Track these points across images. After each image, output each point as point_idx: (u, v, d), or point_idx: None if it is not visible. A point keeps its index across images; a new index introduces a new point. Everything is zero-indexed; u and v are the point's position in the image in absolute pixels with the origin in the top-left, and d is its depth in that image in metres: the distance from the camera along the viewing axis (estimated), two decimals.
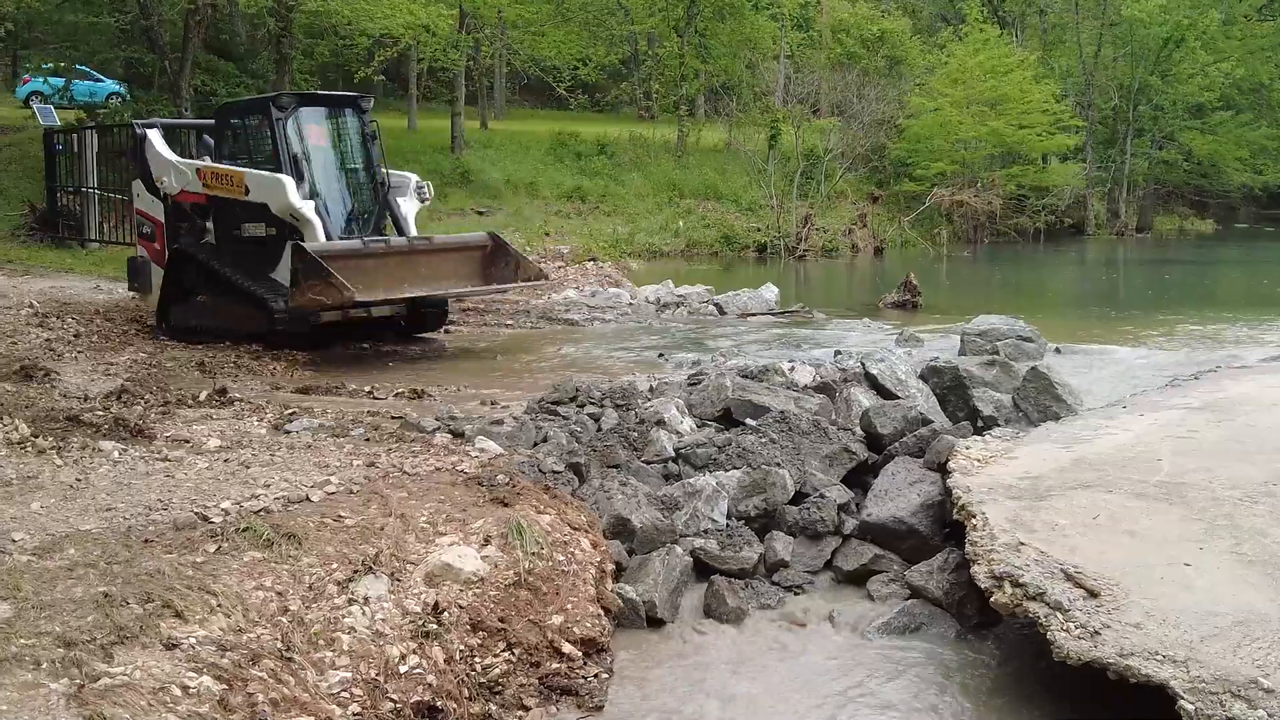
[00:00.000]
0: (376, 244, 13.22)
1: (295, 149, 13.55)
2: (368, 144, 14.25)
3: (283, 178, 12.93)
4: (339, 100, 14.66)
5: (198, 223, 14.33)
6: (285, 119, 13.45)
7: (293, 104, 13.64)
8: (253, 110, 14.34)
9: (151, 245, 15.03)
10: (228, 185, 13.56)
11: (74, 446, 7.62)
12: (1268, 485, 7.21)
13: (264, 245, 13.58)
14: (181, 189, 14.31)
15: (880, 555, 7.93)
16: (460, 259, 14.06)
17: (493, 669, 5.92)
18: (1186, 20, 47.21)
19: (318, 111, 14.23)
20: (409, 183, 14.56)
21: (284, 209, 12.93)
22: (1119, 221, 48.46)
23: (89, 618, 4.83)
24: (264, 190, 13.10)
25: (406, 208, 14.30)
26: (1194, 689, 5.05)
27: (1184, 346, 14.58)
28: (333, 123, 14.35)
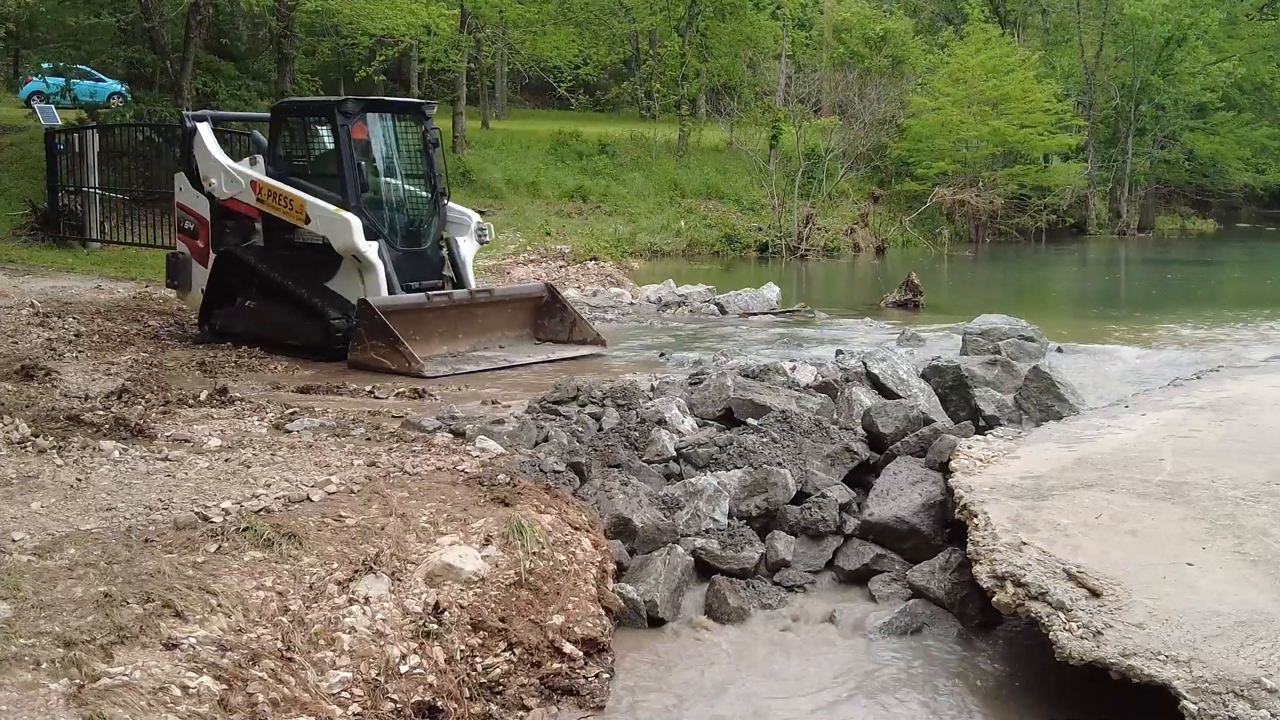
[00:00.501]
0: (440, 299, 12.73)
1: (359, 157, 13.01)
2: (429, 152, 13.64)
3: (350, 218, 12.33)
4: (403, 107, 14.10)
5: (246, 225, 13.75)
6: (349, 124, 12.83)
7: (358, 109, 13.02)
8: (315, 113, 13.67)
9: (194, 242, 14.20)
10: (285, 208, 12.91)
11: (74, 446, 7.61)
12: (1270, 485, 7.20)
13: (319, 253, 12.92)
14: (232, 196, 13.54)
15: (882, 555, 7.92)
16: (514, 310, 13.59)
17: (494, 669, 5.91)
18: (1188, 19, 47.18)
19: (381, 117, 13.57)
20: (470, 222, 13.95)
21: (347, 249, 12.39)
22: (1120, 221, 48.44)
23: (89, 617, 4.82)
24: (328, 225, 12.51)
25: (465, 249, 13.73)
26: (1197, 689, 5.04)
27: (1186, 346, 14.57)
28: (395, 129, 13.72)
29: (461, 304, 12.96)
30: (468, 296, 13.09)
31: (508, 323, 13.43)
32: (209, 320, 13.80)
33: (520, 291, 14.44)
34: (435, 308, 12.62)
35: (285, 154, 13.64)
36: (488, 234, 14.20)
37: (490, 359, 12.54)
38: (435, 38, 35.88)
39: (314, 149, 13.54)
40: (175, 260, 14.54)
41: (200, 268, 14.03)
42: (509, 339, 13.36)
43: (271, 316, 13.13)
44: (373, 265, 12.41)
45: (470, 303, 13.08)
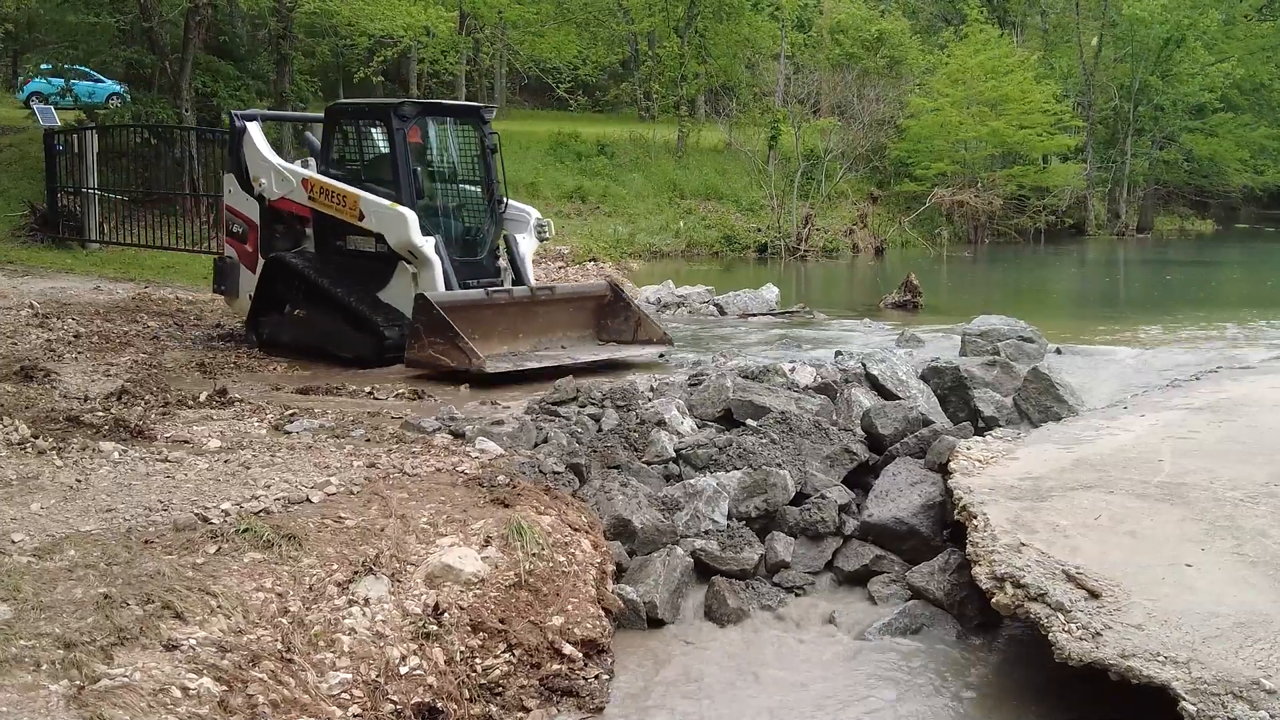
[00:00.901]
0: (500, 295, 12.18)
1: (416, 163, 12.60)
2: (487, 158, 13.16)
3: (406, 213, 11.88)
4: (462, 111, 13.74)
5: (297, 229, 13.32)
6: (406, 128, 12.43)
7: (415, 112, 12.66)
8: (370, 116, 13.27)
9: (242, 246, 13.74)
10: (339, 205, 12.49)
11: (74, 447, 7.61)
12: (1269, 486, 7.21)
13: (372, 261, 12.49)
14: (283, 196, 13.15)
15: (881, 556, 7.93)
16: (576, 310, 13.02)
17: (493, 670, 5.91)
18: (1187, 20, 47.21)
19: (438, 121, 13.24)
20: (529, 219, 13.42)
21: (403, 245, 11.93)
22: (1119, 222, 48.45)
23: (89, 619, 4.83)
24: (383, 221, 12.06)
25: (524, 247, 13.25)
26: (1196, 690, 5.04)
27: (1185, 347, 14.57)
28: (454, 134, 13.36)
29: (522, 301, 12.40)
30: (529, 294, 12.49)
31: (569, 322, 12.90)
32: (257, 328, 13.45)
33: (583, 290, 13.89)
34: (495, 304, 12.11)
35: (339, 156, 13.25)
36: (548, 230, 13.77)
37: (554, 356, 12.07)
38: (434, 39, 35.88)
39: (368, 152, 13.20)
40: (223, 265, 14.13)
41: (248, 273, 13.64)
42: (570, 339, 12.82)
43: (320, 326, 12.73)
44: (429, 261, 11.97)
45: (531, 300, 12.49)
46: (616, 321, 12.96)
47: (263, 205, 13.37)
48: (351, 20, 31.56)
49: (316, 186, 12.75)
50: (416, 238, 11.86)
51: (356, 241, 12.63)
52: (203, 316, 15.54)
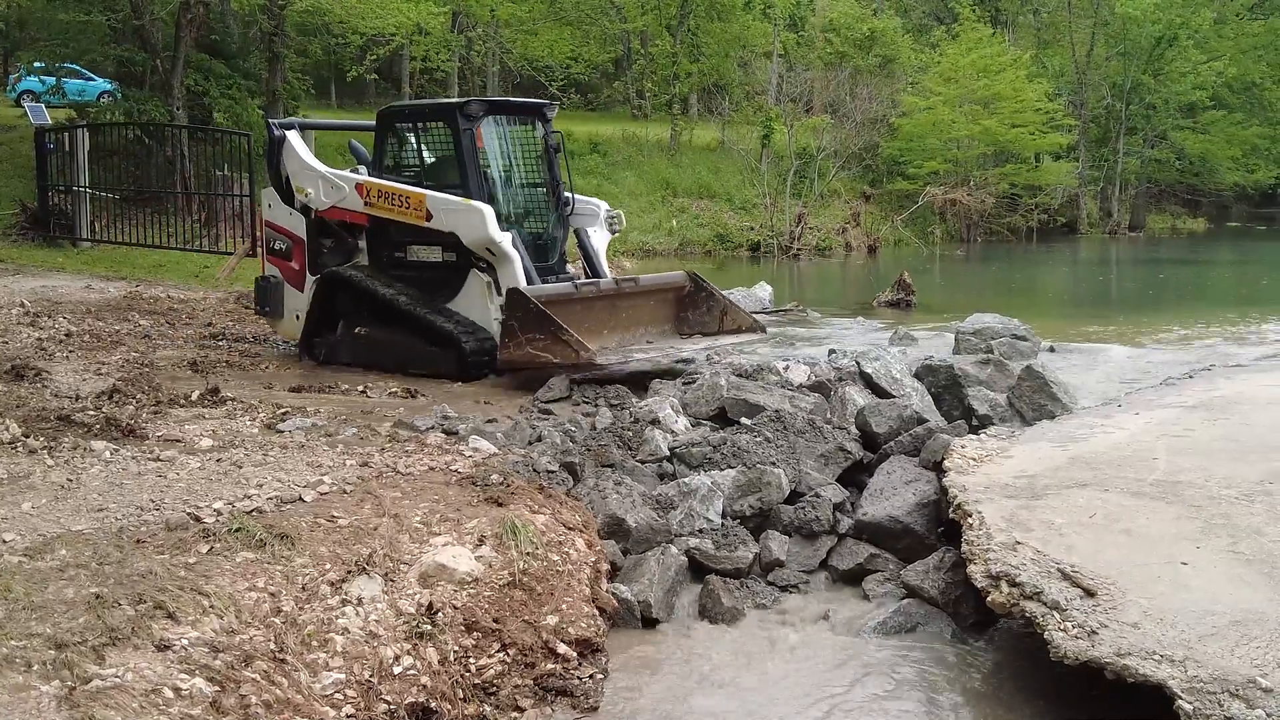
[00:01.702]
0: (587, 287, 11.70)
1: (482, 164, 11.97)
2: (551, 157, 12.64)
3: (481, 207, 11.19)
4: (526, 108, 12.99)
5: (348, 241, 12.61)
6: (474, 128, 11.78)
7: (482, 111, 11.91)
8: (431, 117, 12.53)
9: (286, 264, 12.89)
10: (401, 208, 11.68)
11: (65, 446, 7.58)
12: (1264, 484, 7.20)
13: (438, 271, 11.80)
14: (333, 205, 12.34)
15: (876, 554, 7.91)
16: (657, 301, 12.51)
17: (487, 670, 5.89)
18: (1179, 19, 47.30)
19: (498, 121, 12.42)
20: (599, 211, 12.92)
21: (480, 242, 11.21)
22: (1112, 220, 48.55)
23: (80, 619, 4.80)
24: (455, 218, 11.31)
25: (597, 240, 12.73)
26: (1192, 689, 5.03)
27: (1178, 345, 14.59)
28: (517, 133, 12.71)
29: (608, 294, 11.89)
30: (614, 285, 12.01)
31: (650, 316, 12.42)
32: (312, 349, 12.70)
33: (663, 281, 13.05)
34: (583, 298, 11.55)
35: (393, 163, 12.55)
36: (618, 223, 13.26)
37: (658, 348, 11.70)
38: (427, 37, 35.85)
39: (428, 156, 12.52)
40: (265, 285, 13.18)
41: (294, 291, 12.86)
42: (652, 333, 12.35)
43: (390, 344, 11.99)
44: (509, 257, 11.28)
45: (616, 293, 12.00)
46: (698, 313, 12.55)
47: (309, 218, 12.64)
48: (344, 18, 31.51)
49: (374, 190, 11.99)
50: (495, 232, 11.20)
51: (419, 252, 11.97)
52: (194, 315, 15.50)
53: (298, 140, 12.90)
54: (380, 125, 12.61)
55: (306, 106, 33.30)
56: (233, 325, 14.85)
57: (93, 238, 22.44)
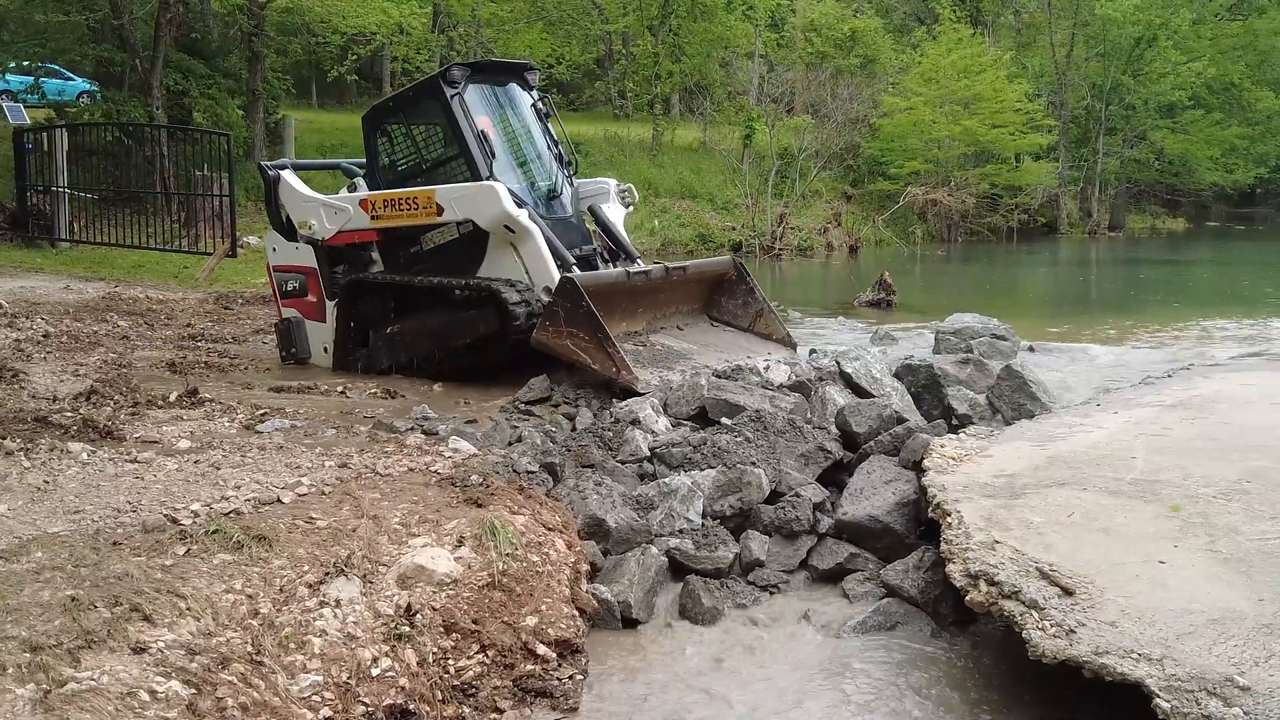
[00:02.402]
0: (638, 276, 11.22)
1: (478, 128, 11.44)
2: (543, 121, 12.23)
3: (493, 184, 10.87)
4: (507, 69, 12.47)
5: (361, 258, 12.41)
6: (461, 93, 11.33)
7: (465, 75, 11.46)
8: (414, 99, 12.03)
9: (303, 301, 12.66)
10: (410, 211, 11.38)
11: (42, 448, 7.53)
12: (1241, 482, 7.23)
13: (457, 248, 11.40)
14: (338, 230, 12.13)
15: (856, 554, 7.91)
16: (694, 285, 12.20)
17: (466, 671, 5.87)
18: (1159, 20, 47.52)
19: (484, 89, 11.95)
20: (609, 188, 12.66)
21: (498, 221, 10.86)
22: (1092, 220, 48.76)
23: (56, 622, 4.76)
24: (467, 204, 10.98)
25: (613, 215, 12.41)
26: (1169, 687, 5.05)
27: (1157, 344, 14.65)
28: (502, 100, 12.22)
29: (657, 284, 11.56)
30: (664, 273, 11.62)
31: (684, 298, 12.08)
32: (349, 369, 12.34)
33: (709, 267, 12.64)
34: (631, 288, 11.19)
35: (389, 162, 12.32)
36: (631, 195, 12.92)
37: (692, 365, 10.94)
38: (407, 36, 35.77)
39: (423, 143, 12.20)
40: (286, 329, 12.90)
41: (317, 325, 12.67)
42: (684, 314, 12.06)
43: (424, 330, 11.65)
44: (529, 231, 10.93)
45: (666, 280, 11.64)
46: (733, 303, 12.20)
47: (317, 249, 12.42)
48: (324, 18, 31.46)
49: (378, 202, 11.74)
50: (511, 208, 10.84)
51: (434, 238, 11.58)
52: (174, 316, 15.44)
53: (293, 177, 12.69)
54: (367, 127, 12.37)
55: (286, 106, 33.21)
56: (212, 326, 14.79)
57: (71, 238, 22.36)
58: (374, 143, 12.25)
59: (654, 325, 11.59)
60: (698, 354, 11.07)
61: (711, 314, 12.23)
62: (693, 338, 11.51)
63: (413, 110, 12.14)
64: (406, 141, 12.24)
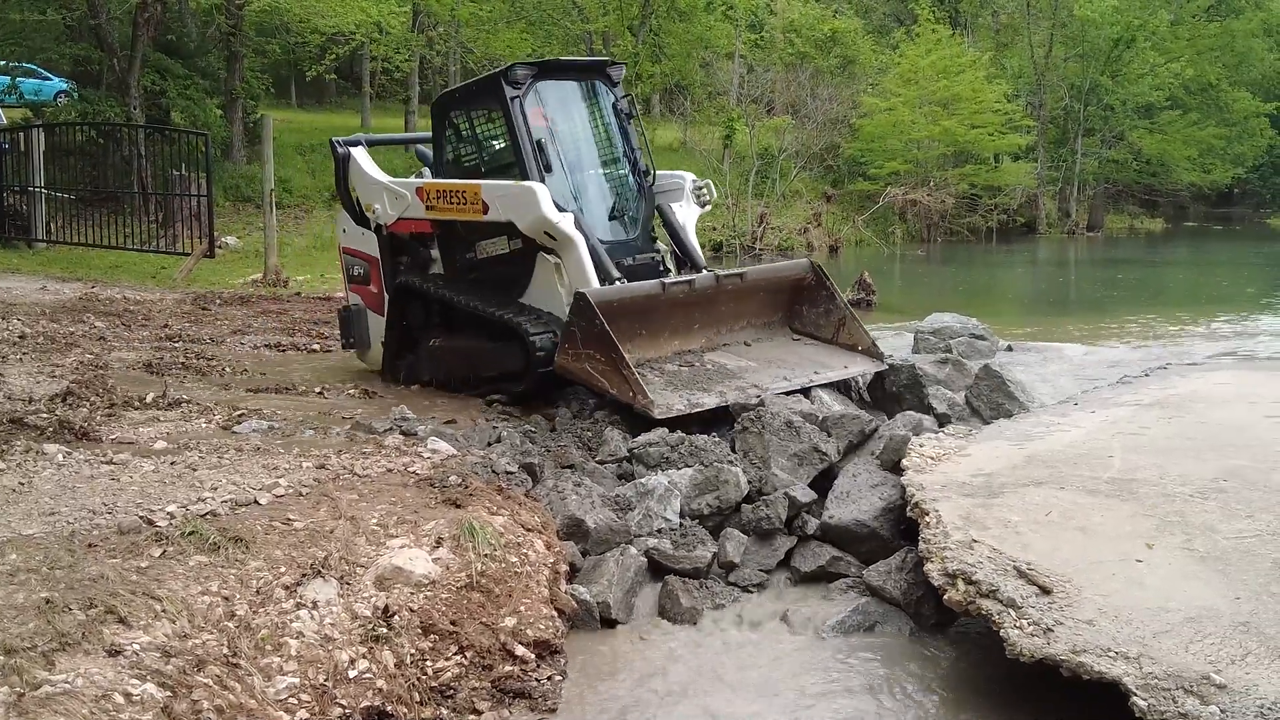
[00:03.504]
0: (678, 286, 10.24)
1: (539, 134, 10.73)
2: (624, 123, 11.34)
3: (533, 186, 10.14)
4: (587, 69, 11.59)
5: (421, 253, 11.70)
6: (522, 97, 10.60)
7: (529, 75, 10.71)
8: (479, 94, 11.21)
9: (366, 289, 12.11)
10: (459, 205, 10.76)
11: (17, 450, 7.48)
12: (1218, 481, 7.26)
13: (506, 264, 10.78)
14: (398, 217, 11.50)
15: (839, 557, 7.91)
16: (766, 294, 11.10)
17: (444, 672, 5.85)
18: (1137, 21, 47.75)
19: (561, 86, 11.19)
20: (684, 184, 11.69)
21: (536, 225, 10.12)
22: (1070, 220, 48.97)
23: (30, 624, 4.73)
24: (508, 204, 10.27)
25: (683, 215, 11.45)
26: (1147, 685, 5.06)
27: (1135, 344, 14.71)
28: (581, 99, 11.42)
29: (707, 292, 10.49)
30: (713, 282, 10.52)
31: (758, 309, 11.02)
32: (395, 372, 11.81)
33: (778, 273, 11.54)
34: (674, 301, 10.28)
35: (454, 156, 11.56)
36: (707, 194, 11.88)
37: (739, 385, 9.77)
38: (387, 36, 35.71)
39: (487, 143, 11.43)
40: (347, 315, 12.38)
41: (377, 317, 12.03)
42: (757, 327, 11.00)
43: (459, 351, 11.10)
44: (570, 239, 10.13)
45: (717, 289, 10.57)
46: (815, 312, 11.09)
47: (380, 236, 11.85)
48: (303, 17, 31.36)
49: (432, 192, 11.08)
50: (550, 213, 10.03)
51: (487, 248, 10.93)
52: (151, 316, 15.36)
53: (363, 155, 12.07)
54: (435, 116, 11.82)
55: (265, 106, 33.09)
56: (189, 327, 14.72)
57: (48, 238, 22.25)
58: (442, 134, 11.64)
59: (715, 342, 10.64)
60: (754, 373, 10.03)
61: (794, 326, 11.19)
62: (760, 354, 10.51)
63: (476, 104, 11.41)
64: (472, 138, 11.55)
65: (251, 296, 18.04)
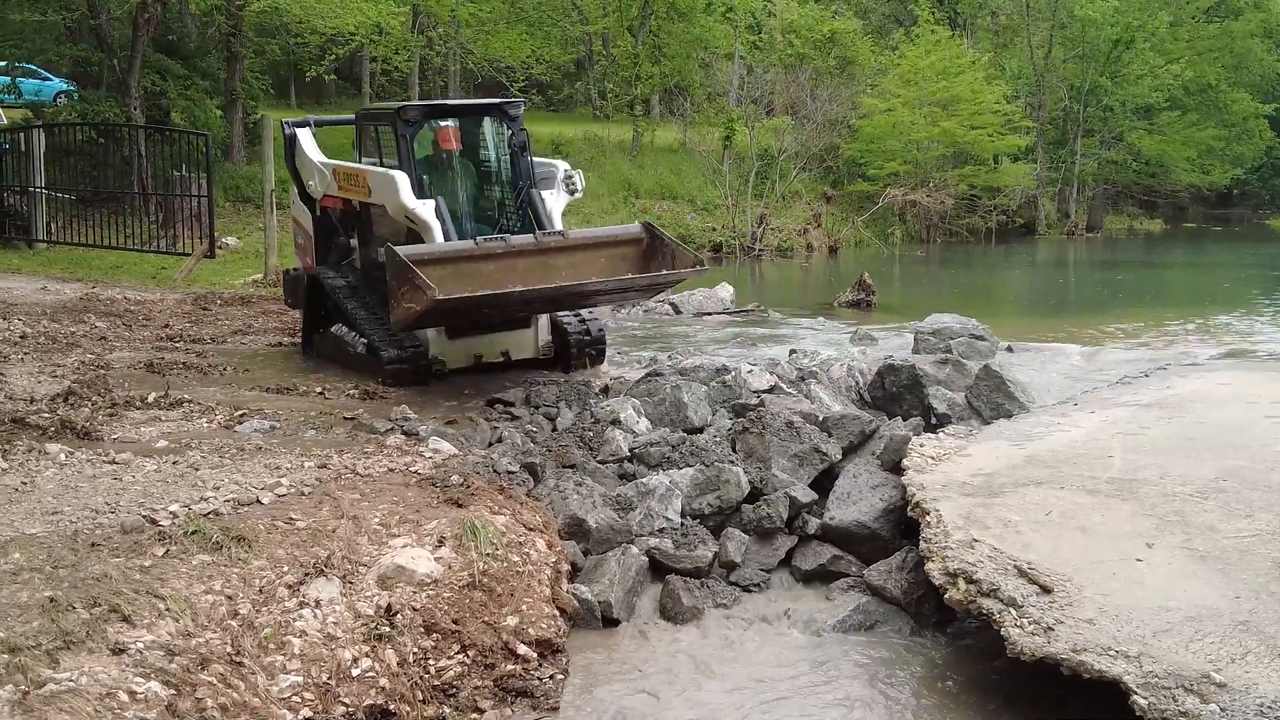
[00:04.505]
0: (492, 244, 11.05)
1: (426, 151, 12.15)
2: (515, 154, 12.29)
3: (396, 174, 11.31)
4: (478, 110, 12.82)
5: (341, 239, 13.02)
6: (411, 133, 11.83)
7: (419, 117, 12.05)
8: (379, 119, 12.60)
9: (305, 259, 13.61)
10: (355, 186, 12.17)
11: (19, 449, 7.48)
12: (1217, 481, 7.28)
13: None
14: (324, 193, 12.94)
15: (839, 556, 7.93)
16: (610, 257, 11.79)
17: (447, 671, 5.87)
18: (1136, 22, 47.71)
19: (453, 121, 12.42)
20: (556, 172, 12.44)
21: (399, 209, 11.26)
22: (1069, 221, 48.88)
23: (34, 623, 4.74)
24: (381, 189, 11.55)
25: (552, 202, 12.13)
26: (1147, 684, 5.08)
27: (1134, 345, 14.73)
28: (472, 129, 12.61)
29: (527, 250, 11.19)
30: (532, 241, 11.29)
31: (603, 267, 11.62)
32: (309, 345, 13.05)
33: (611, 234, 12.40)
34: (490, 255, 10.96)
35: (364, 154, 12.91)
36: (577, 182, 12.55)
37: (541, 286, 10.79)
38: (386, 37, 35.70)
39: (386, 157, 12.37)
40: (289, 277, 14.40)
41: None
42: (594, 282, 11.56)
43: (342, 344, 12.28)
44: (428, 224, 11.15)
45: (538, 248, 11.25)
46: (657, 264, 11.71)
47: (314, 212, 13.27)
48: (302, 18, 31.32)
49: (340, 172, 12.53)
50: (409, 200, 11.14)
51: (379, 254, 11.66)
52: (151, 316, 15.35)
53: (306, 136, 13.45)
54: (357, 122, 13.26)
55: (265, 106, 33.08)
56: (190, 327, 14.70)
57: (49, 239, 22.20)
58: (361, 140, 12.95)
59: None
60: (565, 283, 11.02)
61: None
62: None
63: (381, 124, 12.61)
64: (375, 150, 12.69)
65: (252, 297, 18.02)
